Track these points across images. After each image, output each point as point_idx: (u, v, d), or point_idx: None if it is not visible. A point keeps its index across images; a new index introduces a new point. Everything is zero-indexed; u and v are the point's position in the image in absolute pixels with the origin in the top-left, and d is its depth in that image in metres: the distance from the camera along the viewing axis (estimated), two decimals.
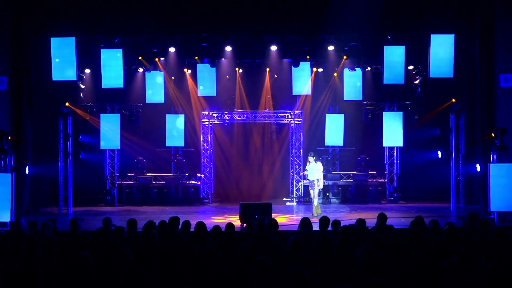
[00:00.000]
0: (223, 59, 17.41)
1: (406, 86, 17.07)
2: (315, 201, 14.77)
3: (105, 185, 18.72)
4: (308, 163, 15.01)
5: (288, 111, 18.79)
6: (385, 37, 16.43)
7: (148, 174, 18.61)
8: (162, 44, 16.75)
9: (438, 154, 18.13)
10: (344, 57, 17.15)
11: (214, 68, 17.65)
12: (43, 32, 15.80)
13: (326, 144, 18.68)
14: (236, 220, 12.38)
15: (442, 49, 15.70)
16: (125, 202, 18.24)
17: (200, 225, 8.11)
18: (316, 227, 8.42)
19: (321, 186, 15.14)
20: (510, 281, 4.66)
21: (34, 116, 16.15)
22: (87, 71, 17.32)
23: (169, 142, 18.63)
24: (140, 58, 17.00)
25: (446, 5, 15.60)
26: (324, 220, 8.30)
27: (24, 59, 15.75)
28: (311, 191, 15.01)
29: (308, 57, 16.99)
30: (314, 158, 14.97)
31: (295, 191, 18.36)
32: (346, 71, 17.62)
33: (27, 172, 15.59)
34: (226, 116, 18.98)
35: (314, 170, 14.80)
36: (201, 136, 18.90)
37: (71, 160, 17.01)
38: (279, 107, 18.85)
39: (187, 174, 18.58)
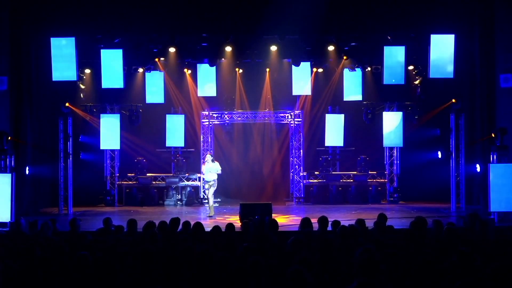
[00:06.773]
0: (223, 59, 17.39)
1: (406, 86, 17.06)
2: (211, 201, 14.73)
3: (105, 186, 18.70)
4: (206, 163, 14.88)
5: (288, 111, 18.78)
6: (385, 37, 16.43)
7: (148, 174, 18.60)
8: (162, 44, 16.72)
9: (438, 154, 18.12)
10: (344, 57, 17.15)
11: (214, 68, 17.65)
12: (43, 32, 15.80)
13: (326, 144, 18.65)
14: (236, 220, 12.39)
15: (442, 49, 15.69)
16: (125, 203, 18.22)
17: (198, 225, 8.13)
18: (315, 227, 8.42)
19: (215, 187, 14.89)
20: (510, 281, 4.65)
21: (34, 116, 16.16)
22: (87, 71, 17.32)
23: (169, 142, 18.61)
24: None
25: (446, 5, 15.61)
26: (324, 220, 8.30)
27: (24, 59, 15.78)
28: (206, 191, 14.96)
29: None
30: (212, 158, 14.88)
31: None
32: (346, 71, 17.61)
33: (27, 172, 15.61)
34: (226, 116, 18.97)
35: (212, 170, 14.71)
36: (201, 136, 18.89)
37: (71, 161, 16.98)
38: (279, 107, 18.84)
39: (187, 174, 18.58)
